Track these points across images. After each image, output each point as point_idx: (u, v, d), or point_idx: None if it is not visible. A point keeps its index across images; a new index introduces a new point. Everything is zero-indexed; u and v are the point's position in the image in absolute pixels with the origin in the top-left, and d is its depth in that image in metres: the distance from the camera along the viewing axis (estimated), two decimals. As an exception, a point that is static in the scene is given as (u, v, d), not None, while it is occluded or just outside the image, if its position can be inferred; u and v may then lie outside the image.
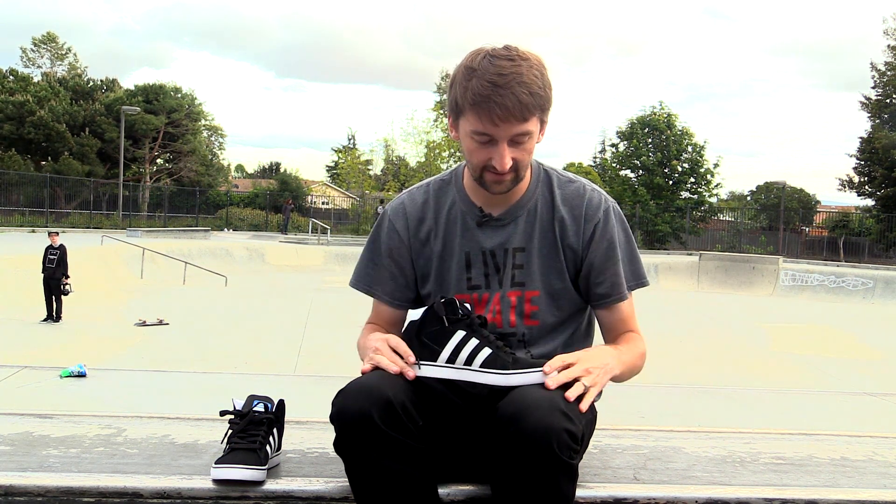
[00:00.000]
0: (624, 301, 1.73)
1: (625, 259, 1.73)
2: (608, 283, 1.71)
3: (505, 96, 1.51)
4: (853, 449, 2.07)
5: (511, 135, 1.55)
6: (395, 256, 1.77)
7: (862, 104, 38.04)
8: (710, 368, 10.15)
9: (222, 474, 1.57)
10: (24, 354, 8.79)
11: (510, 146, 1.57)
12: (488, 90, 1.51)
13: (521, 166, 1.62)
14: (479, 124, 1.55)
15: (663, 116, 38.75)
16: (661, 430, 2.16)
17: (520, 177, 1.64)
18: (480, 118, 1.54)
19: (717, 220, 41.25)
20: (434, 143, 35.54)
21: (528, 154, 1.61)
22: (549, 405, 1.39)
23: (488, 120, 1.53)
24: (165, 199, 38.41)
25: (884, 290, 22.01)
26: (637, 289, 1.77)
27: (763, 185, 53.90)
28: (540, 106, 1.56)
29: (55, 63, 43.38)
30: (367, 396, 1.44)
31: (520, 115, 1.53)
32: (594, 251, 1.70)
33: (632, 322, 1.76)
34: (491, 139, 1.56)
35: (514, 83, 1.51)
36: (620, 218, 1.75)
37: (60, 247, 12.05)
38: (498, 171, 1.58)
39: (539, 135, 1.64)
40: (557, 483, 1.39)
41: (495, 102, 1.51)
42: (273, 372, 7.84)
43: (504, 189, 1.65)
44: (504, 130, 1.54)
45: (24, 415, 2.03)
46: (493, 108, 1.51)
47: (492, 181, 1.62)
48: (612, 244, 1.71)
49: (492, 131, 1.55)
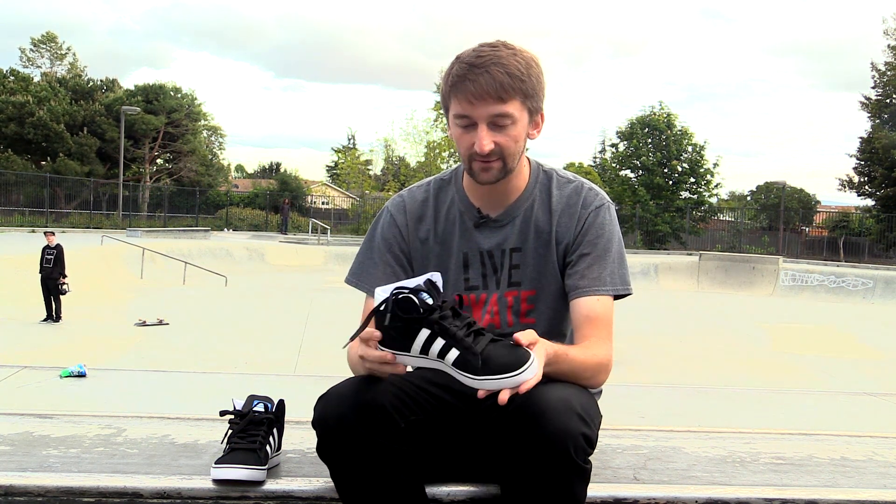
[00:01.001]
0: (592, 298, 1.62)
1: (603, 258, 1.66)
2: (576, 276, 1.65)
3: (479, 75, 1.54)
4: (853, 449, 2.07)
5: (488, 115, 1.56)
6: (393, 249, 1.76)
7: (862, 104, 38.02)
8: (710, 368, 10.15)
9: (222, 474, 1.57)
10: (24, 354, 8.79)
11: (491, 129, 1.57)
12: (465, 71, 1.55)
13: (507, 154, 1.60)
14: (458, 107, 1.58)
15: (663, 116, 38.74)
16: (661, 430, 2.16)
17: (508, 167, 1.63)
18: (459, 100, 1.57)
19: (717, 220, 41.23)
20: (434, 143, 35.51)
21: (512, 141, 1.60)
22: (566, 408, 1.38)
23: (465, 100, 1.56)
24: (165, 199, 38.40)
25: (884, 290, 22.01)
26: (618, 293, 1.66)
27: (763, 185, 53.86)
28: (521, 90, 1.56)
29: (55, 63, 43.39)
30: (346, 401, 1.44)
31: (495, 94, 1.54)
32: (578, 242, 1.68)
33: (600, 327, 1.61)
34: (471, 122, 1.58)
35: (490, 64, 1.54)
36: (612, 218, 1.72)
37: (57, 246, 12.05)
38: (479, 154, 1.58)
39: (531, 128, 1.64)
40: (571, 486, 1.39)
41: (469, 80, 1.54)
42: (273, 372, 7.84)
43: (492, 178, 1.63)
44: (480, 110, 1.55)
45: (24, 415, 2.03)
46: (467, 87, 1.54)
47: (479, 169, 1.62)
48: (595, 238, 1.67)
49: (469, 111, 1.56)
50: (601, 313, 1.62)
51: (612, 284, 1.65)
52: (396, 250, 1.76)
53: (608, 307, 1.64)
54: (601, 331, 1.61)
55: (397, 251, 1.76)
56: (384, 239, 1.77)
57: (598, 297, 1.63)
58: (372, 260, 1.77)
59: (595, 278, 1.64)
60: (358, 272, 1.77)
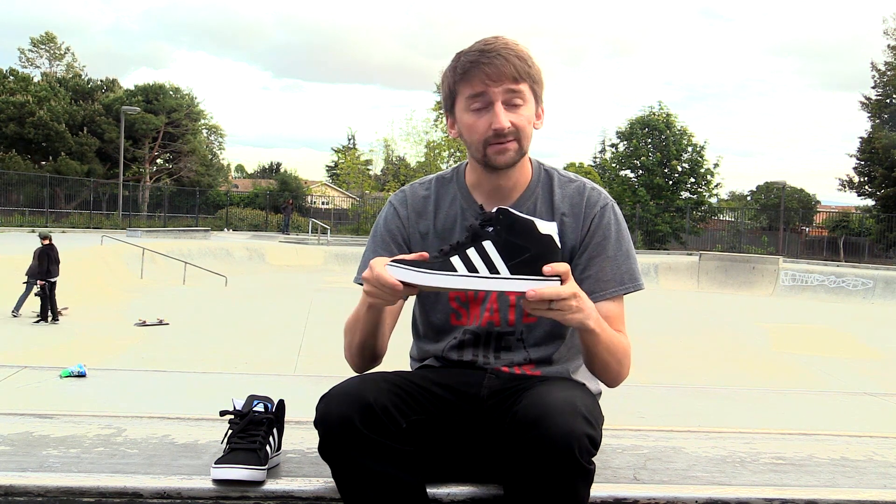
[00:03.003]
0: (610, 300, 1.65)
1: (615, 258, 1.68)
2: (592, 280, 1.66)
3: (493, 58, 1.59)
4: (853, 449, 2.07)
5: (505, 91, 1.59)
6: (396, 238, 1.76)
7: (862, 104, 38.02)
8: (710, 368, 10.16)
9: (222, 474, 1.56)
10: (24, 354, 8.79)
11: (506, 108, 1.60)
12: (476, 56, 1.60)
13: (523, 135, 1.63)
14: (472, 88, 1.61)
15: (662, 116, 38.75)
16: (661, 430, 2.16)
17: (522, 148, 1.65)
18: (473, 83, 1.60)
19: (717, 220, 41.25)
20: (434, 143, 35.51)
21: (526, 122, 1.63)
22: (570, 409, 1.38)
23: (480, 81, 1.60)
24: (165, 199, 38.39)
25: (884, 290, 22.02)
26: (630, 291, 1.68)
27: (763, 185, 53.88)
28: (530, 75, 1.62)
29: (53, 63, 43.39)
30: (348, 401, 1.44)
31: (510, 75, 1.59)
32: (585, 245, 1.69)
33: (618, 323, 1.65)
34: (487, 102, 1.60)
35: (501, 48, 1.60)
36: (618, 217, 1.73)
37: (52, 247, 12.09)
38: (498, 134, 1.60)
39: (535, 117, 1.67)
40: (575, 488, 1.39)
41: (484, 63, 1.59)
42: (273, 372, 7.83)
43: (509, 160, 1.64)
44: (497, 89, 1.59)
45: (24, 415, 2.03)
46: (482, 70, 1.59)
47: (495, 152, 1.63)
48: (604, 239, 1.69)
49: (485, 90, 1.59)
50: (617, 312, 1.66)
51: (623, 284, 1.68)
52: (399, 240, 1.77)
53: (621, 305, 1.69)
54: (618, 326, 1.65)
55: (400, 241, 1.76)
56: (388, 230, 1.78)
57: (613, 298, 1.66)
58: (376, 252, 1.76)
59: (608, 281, 1.67)
60: (363, 268, 1.74)
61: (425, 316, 1.80)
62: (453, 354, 1.74)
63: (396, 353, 1.93)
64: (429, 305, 1.78)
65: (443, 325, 1.77)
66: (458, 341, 1.74)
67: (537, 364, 1.72)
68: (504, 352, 1.72)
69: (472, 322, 1.73)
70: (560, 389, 1.46)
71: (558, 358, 1.73)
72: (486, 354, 1.72)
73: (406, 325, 1.88)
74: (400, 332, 1.83)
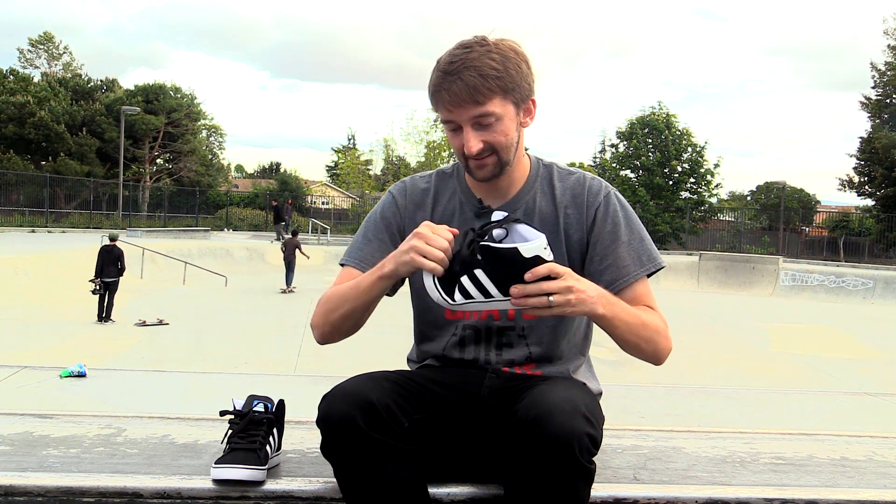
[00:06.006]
0: (634, 283, 1.66)
1: (630, 242, 1.68)
2: (613, 268, 1.66)
3: (452, 83, 1.55)
4: (853, 449, 2.07)
5: (470, 118, 1.57)
6: (391, 227, 1.75)
7: (862, 104, 38.02)
8: (710, 368, 10.15)
9: (222, 474, 1.56)
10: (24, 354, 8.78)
11: (476, 130, 1.59)
12: (439, 80, 1.57)
13: (501, 149, 1.61)
14: (441, 114, 1.61)
15: (662, 116, 38.73)
16: (661, 430, 2.16)
17: (503, 160, 1.63)
18: (438, 108, 1.60)
19: (717, 220, 41.22)
20: (434, 143, 35.52)
21: (503, 136, 1.60)
22: (571, 408, 1.38)
23: (443, 108, 1.59)
24: (165, 199, 38.38)
25: (884, 290, 22.02)
26: (651, 271, 1.69)
27: (763, 185, 53.84)
28: (499, 87, 1.56)
29: (52, 63, 43.35)
30: (350, 400, 1.44)
31: (470, 99, 1.55)
32: (597, 235, 1.69)
33: (648, 301, 1.66)
34: (456, 125, 1.60)
35: (462, 69, 1.54)
36: (622, 203, 1.73)
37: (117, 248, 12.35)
38: (468, 155, 1.60)
39: (523, 117, 1.64)
40: (575, 487, 1.39)
41: (444, 89, 1.56)
42: (273, 372, 7.84)
43: (488, 174, 1.64)
44: (460, 115, 1.57)
45: (24, 415, 2.03)
46: (442, 96, 1.57)
47: (474, 167, 1.64)
48: (615, 226, 1.69)
49: (450, 117, 1.59)
50: (644, 293, 1.67)
51: (644, 265, 1.69)
52: (394, 229, 1.75)
53: (647, 285, 1.69)
54: (649, 303, 1.66)
55: (394, 230, 1.75)
56: (383, 217, 1.77)
57: (630, 284, 1.66)
58: (366, 237, 1.75)
59: (628, 266, 1.67)
60: (354, 255, 1.74)
61: (421, 311, 1.79)
62: (454, 353, 1.74)
63: (397, 353, 1.94)
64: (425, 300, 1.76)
65: (437, 320, 1.76)
66: (459, 338, 1.73)
67: (538, 363, 1.72)
68: (506, 348, 1.71)
69: (471, 316, 1.72)
70: (561, 389, 1.46)
71: (559, 355, 1.73)
72: (487, 352, 1.72)
73: (406, 326, 1.88)
74: (400, 331, 1.83)
